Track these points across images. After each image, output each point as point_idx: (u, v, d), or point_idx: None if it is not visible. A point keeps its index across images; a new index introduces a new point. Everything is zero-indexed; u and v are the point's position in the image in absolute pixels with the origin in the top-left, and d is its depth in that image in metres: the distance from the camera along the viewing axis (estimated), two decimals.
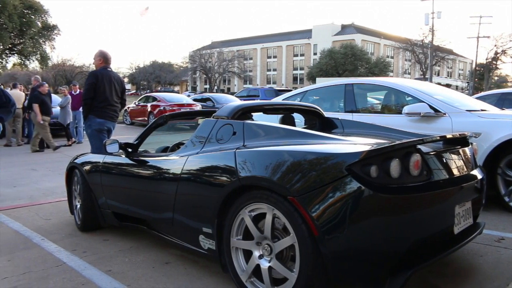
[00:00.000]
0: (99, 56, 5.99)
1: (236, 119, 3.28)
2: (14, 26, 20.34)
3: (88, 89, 5.77)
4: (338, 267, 2.39)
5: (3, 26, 20.14)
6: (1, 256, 3.78)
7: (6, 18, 19.64)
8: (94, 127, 5.85)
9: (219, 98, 20.81)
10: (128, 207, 3.97)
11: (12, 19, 19.94)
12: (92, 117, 5.83)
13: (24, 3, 21.41)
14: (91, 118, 5.83)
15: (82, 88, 7.55)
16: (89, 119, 5.84)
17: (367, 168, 2.35)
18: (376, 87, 6.32)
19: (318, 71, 55.10)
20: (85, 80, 5.90)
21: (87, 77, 5.90)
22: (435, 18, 42.70)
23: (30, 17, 21.81)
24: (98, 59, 6.00)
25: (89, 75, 5.89)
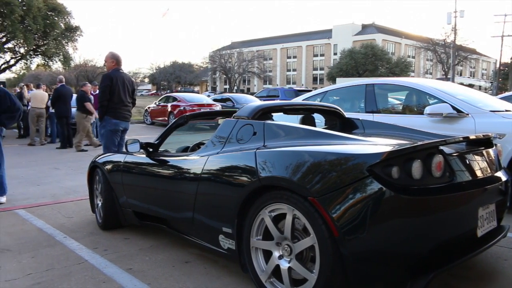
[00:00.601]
0: (111, 58, 6.08)
1: (256, 119, 3.28)
2: (38, 28, 20.64)
3: (104, 91, 5.88)
4: (358, 268, 2.37)
5: (27, 28, 20.45)
6: (26, 253, 3.85)
7: (31, 20, 19.94)
8: (109, 128, 5.97)
9: (239, 98, 20.85)
10: (148, 206, 4.00)
11: (36, 21, 20.24)
12: (108, 118, 5.95)
13: (48, 5, 21.70)
14: (107, 119, 5.95)
15: None
16: (105, 120, 5.96)
17: (388, 169, 2.33)
18: (397, 87, 6.24)
19: (338, 71, 54.77)
20: (100, 83, 5.97)
21: (101, 80, 5.98)
22: (458, 17, 42.02)
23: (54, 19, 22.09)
24: (110, 61, 6.08)
25: (104, 78, 5.96)
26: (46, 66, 25.59)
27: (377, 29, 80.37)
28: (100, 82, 5.99)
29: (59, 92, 11.81)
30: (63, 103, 11.78)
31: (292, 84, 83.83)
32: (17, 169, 8.50)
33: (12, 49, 22.93)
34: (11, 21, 19.40)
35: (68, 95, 11.95)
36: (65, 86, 12.13)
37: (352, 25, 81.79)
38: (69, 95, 12.00)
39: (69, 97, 12.02)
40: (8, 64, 23.57)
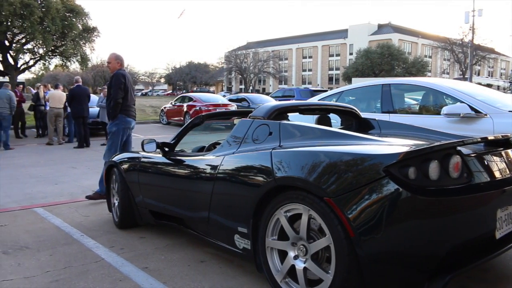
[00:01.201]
0: (116, 59, 6.05)
1: (272, 119, 3.28)
2: (56, 29, 20.91)
3: (119, 88, 5.85)
4: (374, 269, 2.36)
5: (46, 29, 20.73)
6: (44, 251, 3.91)
7: (50, 21, 20.21)
8: (122, 126, 5.94)
9: (254, 98, 20.86)
10: (164, 205, 4.03)
11: (55, 22, 20.51)
12: (122, 116, 5.91)
13: (66, 7, 21.97)
14: (120, 117, 5.91)
15: None
16: (119, 118, 5.90)
17: (405, 170, 2.31)
18: (414, 87, 6.18)
19: (354, 71, 54.50)
20: (113, 81, 5.87)
21: (114, 78, 5.89)
22: (476, 16, 41.46)
23: (72, 20, 22.35)
24: (115, 62, 6.04)
25: (118, 76, 5.90)
26: (64, 66, 25.94)
27: (394, 29, 79.76)
28: (112, 80, 5.89)
29: (74, 92, 12.02)
30: (78, 103, 11.94)
31: (307, 84, 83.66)
32: (35, 168, 8.63)
33: (31, 50, 23.30)
34: (30, 22, 19.70)
35: (83, 95, 12.07)
36: (81, 87, 12.27)
37: (368, 25, 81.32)
38: (84, 95, 12.13)
39: (85, 97, 12.15)
40: (27, 64, 23.93)
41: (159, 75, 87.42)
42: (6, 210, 5.39)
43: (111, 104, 5.87)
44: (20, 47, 22.20)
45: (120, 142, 5.96)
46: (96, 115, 13.46)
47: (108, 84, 6.04)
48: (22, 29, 20.88)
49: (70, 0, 22.72)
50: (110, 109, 5.90)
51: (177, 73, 77.88)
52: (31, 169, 8.53)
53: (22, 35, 22.05)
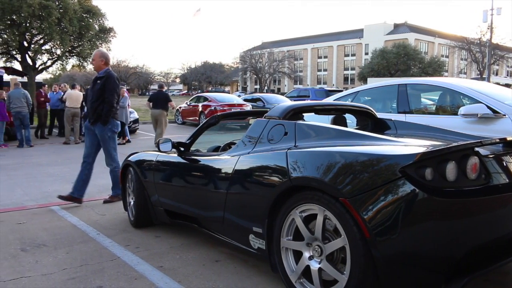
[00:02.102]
0: (100, 57, 5.74)
1: (287, 120, 3.27)
2: (74, 30, 21.12)
3: (116, 93, 5.67)
4: (390, 271, 2.34)
5: (64, 30, 20.97)
6: (61, 248, 3.96)
7: (67, 22, 20.43)
8: (116, 130, 5.80)
9: (269, 98, 20.86)
10: (179, 205, 4.05)
11: (72, 23, 20.72)
12: (113, 120, 5.72)
13: (83, 8, 22.19)
14: (112, 122, 5.71)
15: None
16: (111, 122, 5.69)
17: (421, 171, 2.29)
18: (431, 87, 6.12)
19: (370, 71, 54.12)
20: (108, 84, 5.60)
21: (109, 81, 5.62)
22: (494, 14, 40.84)
23: (89, 21, 22.57)
24: (100, 60, 5.72)
25: (113, 79, 5.68)
26: (81, 66, 26.16)
27: (410, 28, 79.04)
28: (108, 82, 5.59)
29: (88, 92, 12.12)
30: None
31: (322, 84, 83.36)
32: (53, 167, 8.74)
33: (49, 51, 23.56)
34: (48, 23, 19.91)
35: None
36: None
37: (384, 25, 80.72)
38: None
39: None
40: (45, 65, 24.20)
41: (174, 75, 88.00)
42: (25, 208, 5.47)
43: (104, 108, 5.58)
44: (38, 47, 22.46)
45: (116, 145, 5.88)
46: None
47: (99, 86, 5.65)
48: (40, 30, 21.12)
49: (87, 0, 22.94)
50: (104, 113, 5.58)
51: (192, 73, 78.25)
52: (48, 168, 8.64)
53: (40, 36, 22.30)
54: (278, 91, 78.57)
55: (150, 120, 12.88)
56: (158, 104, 11.93)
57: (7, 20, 20.39)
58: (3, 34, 21.35)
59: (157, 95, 12.32)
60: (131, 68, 69.81)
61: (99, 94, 5.61)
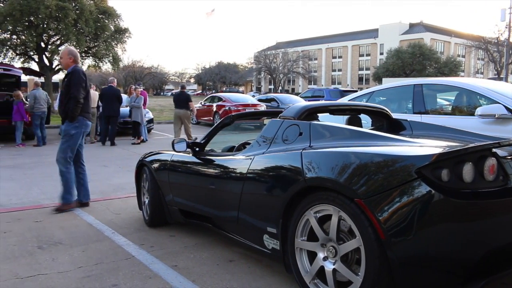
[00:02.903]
0: (68, 54, 5.47)
1: (302, 120, 3.27)
2: (90, 31, 21.31)
3: (81, 87, 5.32)
4: (405, 273, 2.32)
5: (80, 30, 21.18)
6: (77, 247, 4.00)
7: (83, 23, 20.63)
8: (83, 129, 5.48)
9: (284, 98, 20.82)
10: (194, 204, 4.06)
11: (88, 24, 20.92)
12: (82, 119, 5.41)
13: (99, 9, 22.38)
14: (81, 120, 5.39)
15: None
16: (79, 120, 5.37)
17: (438, 172, 2.27)
18: (447, 88, 6.06)
19: (385, 71, 53.73)
20: (73, 79, 5.30)
21: (74, 75, 5.33)
22: None
23: (104, 22, 22.75)
24: (68, 57, 5.44)
25: (78, 73, 5.36)
26: (97, 67, 26.37)
27: (425, 28, 78.34)
28: (71, 77, 5.29)
29: (104, 92, 12.50)
30: (107, 103, 12.32)
31: (337, 84, 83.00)
32: None
33: None
34: (65, 24, 20.13)
35: (112, 96, 12.32)
36: (112, 88, 12.54)
37: (399, 24, 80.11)
38: (113, 96, 12.35)
39: (114, 98, 12.35)
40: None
41: (189, 75, 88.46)
42: (41, 206, 5.54)
43: (70, 104, 5.26)
44: (55, 48, 22.68)
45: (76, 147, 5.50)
46: (127, 114, 13.70)
47: (65, 82, 5.37)
48: (57, 31, 21.35)
49: (103, 1, 23.14)
50: (70, 110, 5.27)
51: (207, 73, 78.58)
52: None
53: (57, 37, 22.55)
54: (292, 91, 78.39)
55: (165, 120, 13.05)
56: (181, 104, 12.43)
57: (25, 21, 20.67)
58: (21, 35, 21.65)
59: (179, 95, 12.78)
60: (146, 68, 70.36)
61: (66, 91, 5.35)
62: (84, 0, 21.45)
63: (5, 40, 21.71)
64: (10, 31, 21.34)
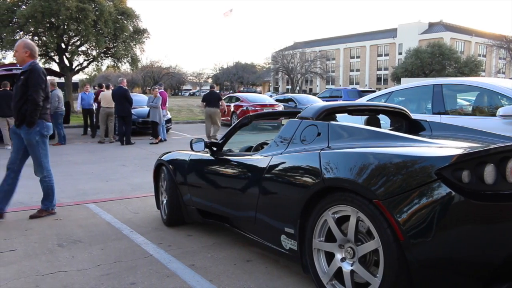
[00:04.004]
0: (24, 48, 4.93)
1: (320, 120, 3.25)
2: (109, 31, 21.55)
3: (41, 89, 4.85)
4: (425, 275, 2.29)
5: (99, 31, 21.43)
6: (96, 245, 4.05)
7: (103, 24, 20.87)
8: (46, 132, 5.02)
9: (301, 98, 20.76)
10: (211, 204, 4.08)
11: (107, 25, 21.15)
12: (42, 122, 4.93)
13: (118, 10, 22.61)
14: (41, 123, 4.92)
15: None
16: (39, 124, 4.89)
17: (458, 173, 2.23)
18: (467, 88, 5.99)
19: (403, 71, 53.20)
20: (31, 79, 4.78)
21: (33, 75, 4.81)
22: None
23: (123, 22, 22.98)
24: (23, 51, 4.92)
25: (38, 72, 4.84)
26: (116, 67, 26.64)
27: (445, 27, 77.34)
28: (31, 77, 4.78)
29: (113, 93, 12.63)
30: (117, 103, 12.47)
31: (355, 84, 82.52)
32: (88, 165, 8.94)
33: (85, 52, 24.09)
34: (85, 25, 20.39)
35: (121, 96, 12.38)
36: (121, 88, 12.59)
37: (418, 24, 79.26)
38: (121, 97, 12.40)
39: (122, 98, 12.41)
40: (81, 66, 24.78)
41: (206, 75, 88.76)
42: (61, 205, 5.62)
43: (28, 107, 4.78)
44: (75, 49, 23.01)
45: (47, 150, 5.09)
46: (146, 114, 13.81)
47: (22, 81, 4.85)
48: (77, 32, 21.64)
49: (122, 2, 23.36)
50: (28, 114, 4.78)
51: (224, 73, 78.77)
52: (83, 166, 8.85)
53: (77, 38, 22.85)
54: (310, 91, 78.16)
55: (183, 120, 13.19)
56: (212, 103, 13.24)
57: (46, 23, 21.01)
58: (43, 36, 22.00)
59: (210, 95, 13.56)
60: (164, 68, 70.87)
61: (23, 91, 4.83)
62: (103, 1, 21.70)
63: None
64: (32, 32, 21.72)
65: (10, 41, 20.70)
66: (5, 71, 13.38)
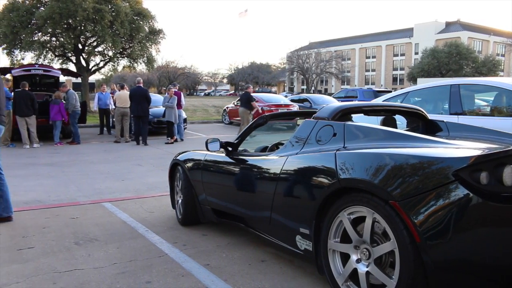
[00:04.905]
0: None
1: (336, 120, 3.24)
2: (125, 32, 21.73)
3: None
4: (441, 278, 2.27)
5: (115, 32, 21.62)
6: (112, 243, 4.08)
7: (119, 25, 21.05)
8: None
9: (317, 99, 20.67)
10: (226, 204, 4.08)
11: (123, 26, 21.33)
12: None
13: (134, 10, 22.79)
14: None
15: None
16: None
17: (476, 175, 2.21)
18: (485, 88, 5.91)
19: (420, 71, 52.72)
20: None
21: None
22: None
23: (139, 23, 23.14)
24: None
25: None
26: (131, 67, 26.85)
27: (463, 27, 76.40)
28: None
29: (132, 93, 12.65)
30: (135, 103, 12.44)
31: (371, 84, 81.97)
32: (104, 164, 9.03)
33: (101, 52, 24.34)
34: (101, 26, 20.59)
35: (140, 96, 12.43)
36: (140, 88, 12.66)
37: (435, 23, 78.43)
38: (141, 96, 12.46)
39: (142, 98, 12.46)
40: (97, 66, 25.04)
41: (221, 76, 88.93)
42: (78, 203, 5.68)
43: None
44: (91, 49, 23.28)
45: None
46: (161, 114, 13.88)
47: None
48: (94, 32, 21.88)
49: (138, 3, 23.54)
50: None
51: (240, 74, 78.86)
52: (99, 165, 8.93)
53: (93, 39, 23.09)
54: (325, 91, 77.88)
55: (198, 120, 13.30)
56: (243, 104, 14.16)
57: (64, 24, 21.28)
58: (60, 37, 22.29)
59: (243, 95, 14.59)
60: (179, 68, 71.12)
61: None
62: (120, 2, 21.89)
63: (46, 42, 22.39)
64: (50, 33, 22.02)
65: (29, 42, 21.04)
66: (23, 72, 13.60)
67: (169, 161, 5.25)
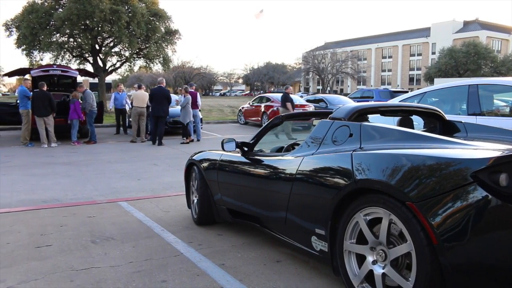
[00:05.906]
0: None
1: (352, 121, 3.22)
2: (141, 33, 21.92)
3: None
4: (459, 281, 2.24)
5: (132, 33, 21.83)
6: (128, 242, 4.12)
7: (135, 25, 21.25)
8: None
9: (332, 99, 20.59)
10: (242, 204, 4.09)
11: (140, 26, 21.52)
12: None
13: (150, 11, 22.97)
14: None
15: None
16: None
17: (495, 176, 2.17)
18: (505, 88, 5.83)
19: (437, 71, 52.13)
20: None
21: None
22: None
23: (155, 24, 23.30)
24: None
25: None
26: (148, 68, 27.06)
27: (481, 26, 75.40)
28: None
29: (153, 93, 12.70)
30: (156, 103, 12.51)
31: (387, 85, 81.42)
32: (120, 164, 9.10)
33: (118, 53, 24.59)
34: (118, 27, 20.81)
35: (162, 96, 12.51)
36: (162, 88, 12.75)
37: (453, 22, 77.52)
38: (162, 97, 12.53)
39: (163, 98, 12.54)
40: (114, 66, 25.29)
41: (237, 76, 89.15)
42: (95, 202, 5.74)
43: None
44: (108, 50, 23.51)
45: None
46: (178, 114, 13.95)
47: None
48: (110, 33, 22.09)
49: (154, 4, 23.71)
50: None
51: (255, 74, 78.95)
52: (116, 165, 9.01)
53: (110, 39, 23.33)
54: (341, 91, 77.52)
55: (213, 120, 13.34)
56: (282, 104, 14.38)
57: (81, 25, 21.56)
58: (78, 38, 22.58)
59: (281, 97, 14.85)
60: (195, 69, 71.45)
61: None
62: (136, 3, 22.07)
63: (63, 43, 22.69)
64: (68, 34, 22.31)
65: (47, 43, 21.33)
66: (42, 72, 13.78)
67: (185, 161, 5.27)
